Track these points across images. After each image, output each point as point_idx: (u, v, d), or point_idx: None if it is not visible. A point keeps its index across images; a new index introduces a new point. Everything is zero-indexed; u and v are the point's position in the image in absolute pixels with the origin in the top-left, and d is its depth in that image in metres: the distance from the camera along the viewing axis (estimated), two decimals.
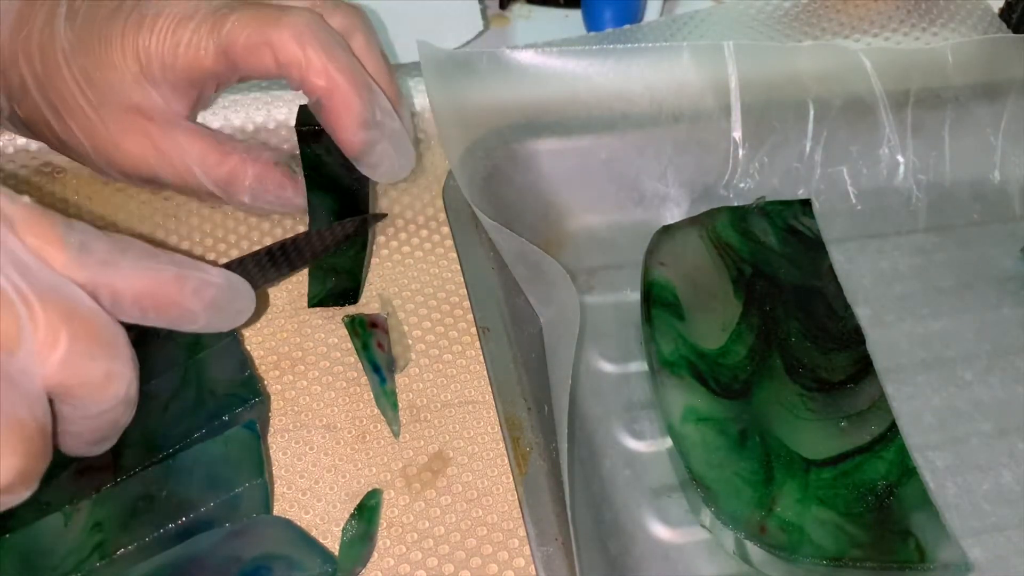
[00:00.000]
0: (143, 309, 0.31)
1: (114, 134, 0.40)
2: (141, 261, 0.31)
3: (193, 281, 0.32)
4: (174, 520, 0.34)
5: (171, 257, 0.32)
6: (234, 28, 0.39)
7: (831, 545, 0.37)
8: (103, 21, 0.39)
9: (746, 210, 0.48)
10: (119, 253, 0.30)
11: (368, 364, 0.40)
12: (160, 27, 0.39)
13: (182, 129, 0.41)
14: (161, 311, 0.32)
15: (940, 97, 0.52)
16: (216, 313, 0.33)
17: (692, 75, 0.50)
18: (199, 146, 0.41)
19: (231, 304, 0.34)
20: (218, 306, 0.33)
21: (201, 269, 0.33)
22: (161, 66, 0.39)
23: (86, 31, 0.39)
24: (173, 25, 0.39)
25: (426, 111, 0.50)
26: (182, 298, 0.32)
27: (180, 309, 0.32)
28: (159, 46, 0.39)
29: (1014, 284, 0.50)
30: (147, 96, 0.40)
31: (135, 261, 0.31)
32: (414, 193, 0.48)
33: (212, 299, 0.33)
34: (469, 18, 0.55)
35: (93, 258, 0.30)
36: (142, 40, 0.39)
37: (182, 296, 0.32)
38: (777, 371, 0.42)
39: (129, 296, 0.31)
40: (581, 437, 0.43)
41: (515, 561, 0.36)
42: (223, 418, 0.36)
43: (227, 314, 0.34)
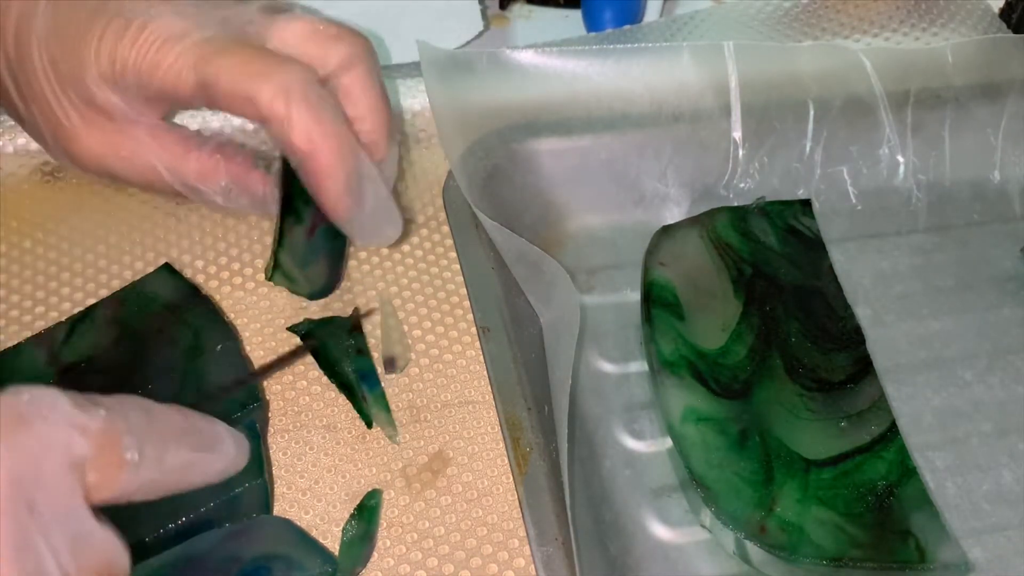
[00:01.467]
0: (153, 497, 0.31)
1: (74, 126, 0.39)
2: (180, 456, 0.30)
3: (211, 466, 0.32)
4: (174, 520, 0.34)
5: (201, 435, 0.32)
6: (219, 72, 0.37)
7: (831, 545, 0.37)
8: (85, 13, 0.38)
9: (746, 210, 0.48)
10: (163, 451, 0.30)
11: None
12: (143, 42, 0.37)
13: (146, 127, 0.39)
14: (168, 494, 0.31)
15: (940, 97, 0.52)
16: (212, 482, 0.33)
17: (692, 75, 0.50)
18: (163, 143, 0.39)
19: (230, 471, 0.33)
20: (220, 476, 0.33)
21: (220, 445, 0.32)
22: (136, 80, 0.38)
23: (65, 19, 0.38)
24: (157, 44, 0.37)
25: (426, 111, 0.50)
26: (195, 480, 0.32)
27: (186, 487, 0.32)
28: (137, 60, 0.37)
29: (1014, 284, 0.50)
30: (109, 100, 0.38)
31: (176, 459, 0.30)
32: (414, 193, 0.48)
33: (219, 472, 0.33)
34: (469, 18, 0.55)
35: (145, 467, 0.29)
36: (121, 49, 0.37)
37: (196, 479, 0.32)
38: (777, 371, 0.42)
39: (160, 493, 0.30)
40: (581, 437, 0.43)
41: (515, 561, 0.36)
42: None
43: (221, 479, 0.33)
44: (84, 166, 0.40)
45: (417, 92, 0.51)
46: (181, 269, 0.42)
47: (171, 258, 0.43)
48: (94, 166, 0.40)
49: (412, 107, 0.51)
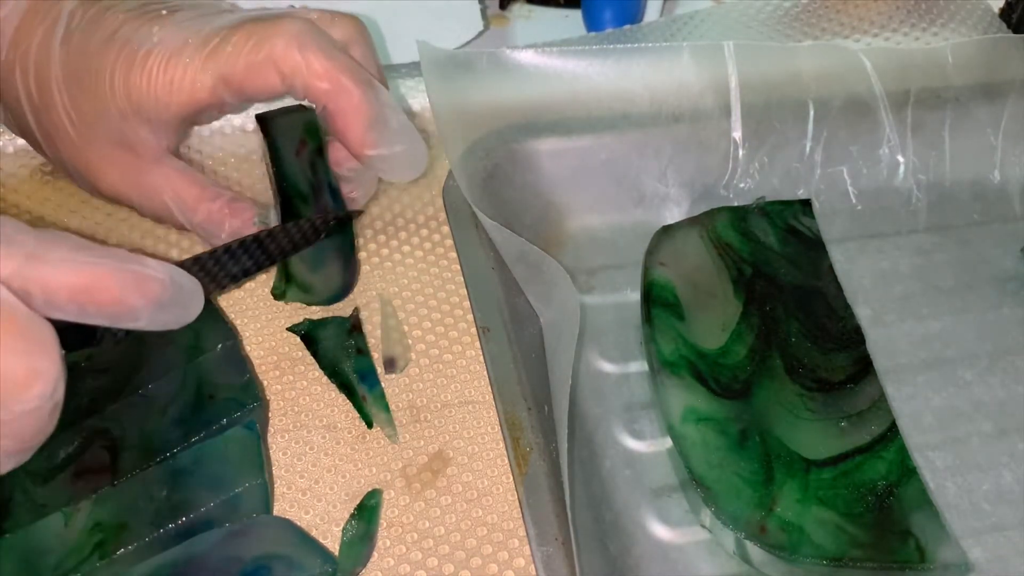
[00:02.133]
0: (80, 305, 0.30)
1: (98, 165, 0.40)
2: (74, 254, 0.29)
3: (133, 276, 0.30)
4: (174, 520, 0.34)
5: (109, 251, 0.30)
6: (231, 54, 0.38)
7: (831, 545, 0.37)
8: (95, 52, 0.39)
9: (746, 210, 0.48)
10: (49, 246, 0.29)
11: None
12: (151, 65, 0.38)
13: (166, 167, 0.41)
14: (100, 307, 0.30)
15: (940, 97, 0.52)
16: (159, 310, 0.32)
17: (692, 75, 0.50)
18: (179, 188, 0.41)
19: (176, 301, 0.32)
20: (161, 303, 0.31)
21: (143, 263, 0.31)
22: (154, 105, 0.39)
23: (78, 60, 0.39)
24: (164, 62, 0.38)
25: (426, 111, 0.50)
26: (122, 294, 0.30)
27: (120, 305, 0.30)
28: (151, 85, 0.38)
29: (1014, 284, 0.50)
30: (134, 132, 0.40)
31: (68, 254, 0.29)
32: (414, 193, 0.48)
33: (155, 296, 0.31)
34: (469, 18, 0.55)
35: (19, 251, 0.28)
36: (133, 79, 0.38)
37: (122, 292, 0.30)
38: (777, 371, 0.42)
39: (63, 292, 0.29)
40: (581, 437, 0.43)
41: (515, 561, 0.36)
42: (221, 422, 0.36)
43: (172, 312, 0.32)
44: (107, 198, 0.43)
45: (417, 92, 0.51)
46: None
47: (171, 258, 0.43)
48: (116, 199, 0.42)
49: (412, 107, 0.51)
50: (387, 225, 0.46)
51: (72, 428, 0.36)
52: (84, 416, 0.36)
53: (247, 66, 0.38)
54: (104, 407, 0.37)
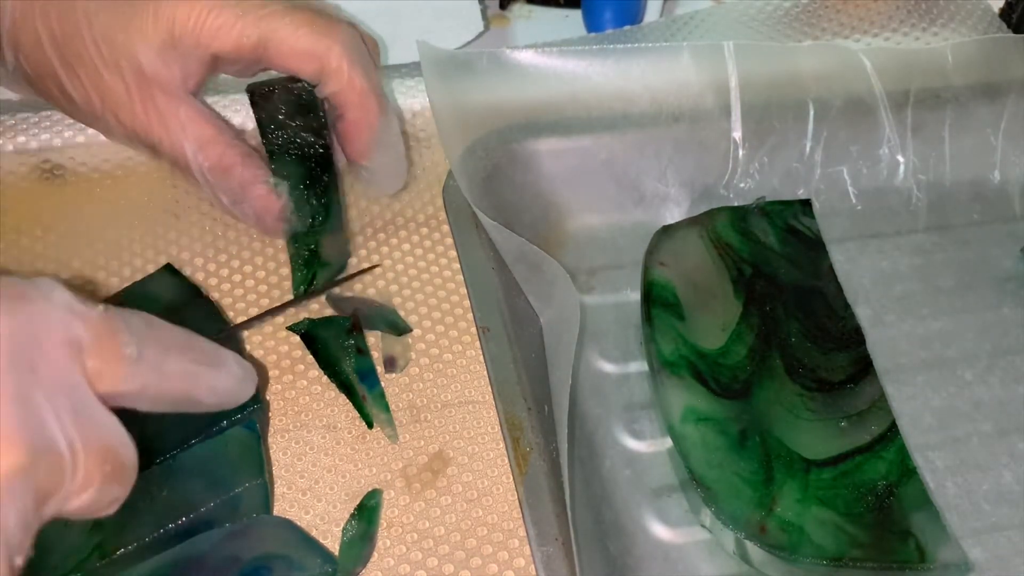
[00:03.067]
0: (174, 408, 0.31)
1: (124, 96, 0.40)
2: (182, 365, 0.31)
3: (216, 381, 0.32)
4: (174, 520, 0.34)
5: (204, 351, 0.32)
6: (287, 28, 0.40)
7: (831, 545, 0.37)
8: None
9: (746, 210, 0.48)
10: (164, 356, 0.30)
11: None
12: (200, 8, 0.39)
13: (188, 106, 0.41)
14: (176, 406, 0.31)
15: (940, 97, 0.52)
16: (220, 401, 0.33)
17: (692, 75, 0.50)
18: (199, 128, 0.41)
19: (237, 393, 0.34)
20: (225, 396, 0.33)
21: (223, 362, 0.32)
22: (194, 43, 0.40)
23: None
24: (216, 9, 0.39)
25: (426, 111, 0.50)
26: (199, 394, 0.32)
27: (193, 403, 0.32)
28: (198, 23, 0.39)
29: (1014, 284, 0.50)
30: (166, 67, 0.40)
31: (177, 366, 0.30)
32: (414, 193, 0.48)
33: (223, 390, 0.33)
34: (469, 18, 0.55)
35: (146, 367, 0.29)
36: (180, 13, 0.39)
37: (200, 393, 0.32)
38: (777, 371, 0.42)
39: (168, 401, 0.30)
40: (581, 437, 0.43)
41: (515, 561, 0.36)
42: (221, 423, 0.36)
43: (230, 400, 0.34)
44: (127, 134, 0.42)
45: (417, 92, 0.51)
46: (181, 268, 0.42)
47: (171, 257, 0.43)
48: (136, 135, 0.42)
49: (412, 107, 0.51)
50: (387, 225, 0.46)
51: None
52: None
53: (295, 48, 0.40)
54: None
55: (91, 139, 0.48)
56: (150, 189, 0.46)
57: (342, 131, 0.43)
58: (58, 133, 0.48)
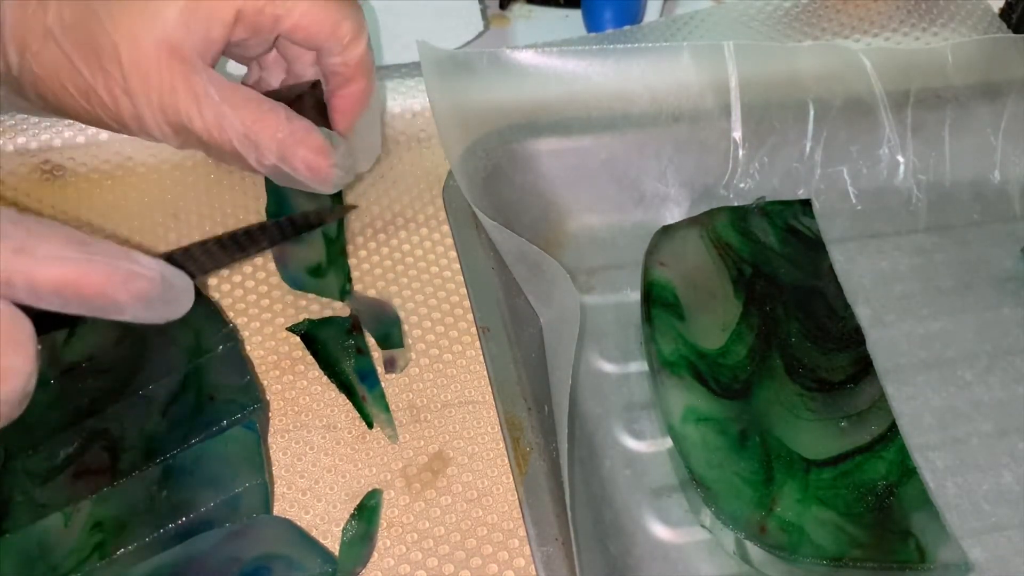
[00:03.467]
0: (64, 298, 0.30)
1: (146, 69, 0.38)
2: (63, 249, 0.30)
3: (121, 273, 0.30)
4: (174, 520, 0.34)
5: (99, 246, 0.30)
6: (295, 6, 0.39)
7: (831, 545, 0.37)
8: None
9: (746, 210, 0.48)
10: (37, 240, 0.29)
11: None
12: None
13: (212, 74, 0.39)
14: (84, 301, 0.30)
15: (940, 97, 0.52)
16: (145, 306, 0.31)
17: (692, 75, 0.50)
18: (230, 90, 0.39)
19: (165, 299, 0.32)
20: (148, 299, 0.31)
21: (132, 259, 0.31)
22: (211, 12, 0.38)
23: None
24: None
25: (426, 111, 0.50)
26: (108, 289, 0.30)
27: (105, 300, 0.30)
28: None
29: (1014, 284, 0.50)
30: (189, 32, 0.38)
31: (57, 249, 0.29)
32: (414, 193, 0.48)
33: (141, 292, 0.31)
34: (469, 18, 0.55)
35: (7, 245, 0.29)
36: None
37: (108, 287, 0.30)
38: (777, 371, 0.42)
39: (48, 285, 0.29)
40: (581, 437, 0.43)
41: (515, 561, 0.36)
42: (222, 423, 0.36)
43: (157, 307, 0.32)
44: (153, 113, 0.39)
45: (417, 92, 0.51)
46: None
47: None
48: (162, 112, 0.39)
49: (412, 107, 0.51)
50: (387, 225, 0.46)
51: (72, 428, 0.36)
52: (84, 416, 0.36)
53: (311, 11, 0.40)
54: (104, 408, 0.37)
55: (91, 139, 0.48)
56: (150, 189, 0.46)
57: (335, 103, 0.43)
58: (58, 133, 0.48)
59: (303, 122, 0.40)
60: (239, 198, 0.46)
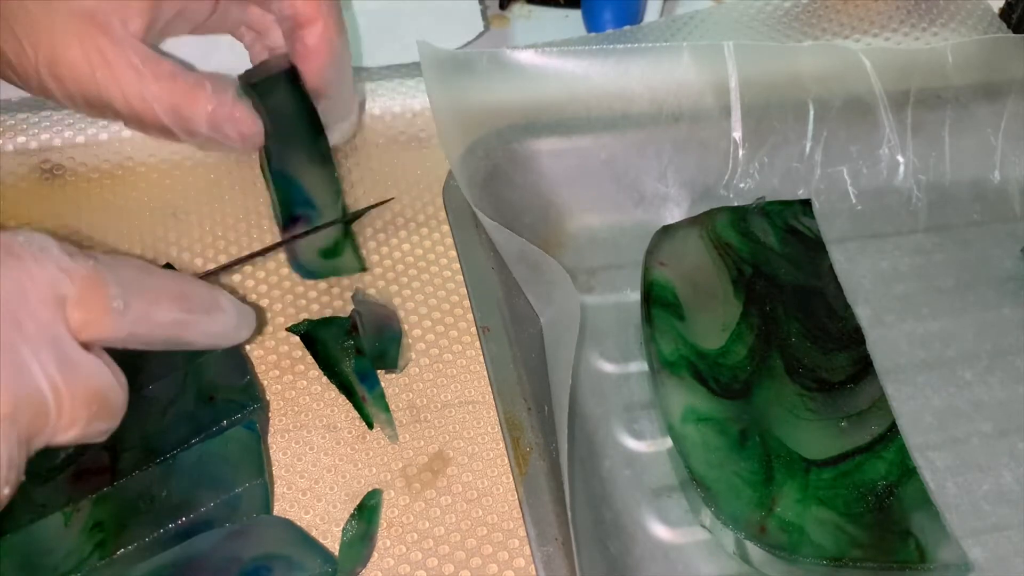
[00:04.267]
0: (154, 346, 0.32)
1: (61, 41, 0.37)
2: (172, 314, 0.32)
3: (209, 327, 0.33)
4: (174, 520, 0.34)
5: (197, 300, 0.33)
6: None
7: (831, 545, 0.37)
8: None
9: (746, 210, 0.48)
10: (153, 306, 0.31)
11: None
12: None
13: (135, 47, 0.38)
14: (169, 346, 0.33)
15: (940, 97, 0.52)
16: (214, 343, 0.34)
17: (692, 75, 0.50)
18: (153, 67, 0.38)
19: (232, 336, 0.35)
20: (220, 339, 0.34)
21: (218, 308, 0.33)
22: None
23: None
24: None
25: (426, 111, 0.50)
26: (191, 338, 0.33)
27: (186, 345, 0.33)
28: None
29: (1014, 284, 0.50)
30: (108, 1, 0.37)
31: (167, 316, 0.32)
32: (414, 193, 0.48)
33: (217, 334, 0.33)
34: (469, 18, 0.55)
35: (131, 317, 0.30)
36: None
37: (192, 337, 0.33)
38: (777, 371, 0.42)
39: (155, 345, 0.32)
40: (581, 437, 0.43)
41: (515, 561, 0.36)
42: (222, 423, 0.36)
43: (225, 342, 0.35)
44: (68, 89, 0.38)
45: (417, 92, 0.51)
46: (181, 269, 0.42)
47: (171, 258, 0.43)
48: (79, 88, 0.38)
49: (412, 107, 0.51)
50: (387, 225, 0.46)
51: None
52: None
53: None
54: None
55: (91, 139, 0.48)
56: (150, 189, 0.46)
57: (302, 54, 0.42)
58: (58, 133, 0.48)
59: (228, 92, 0.40)
60: (239, 198, 0.46)
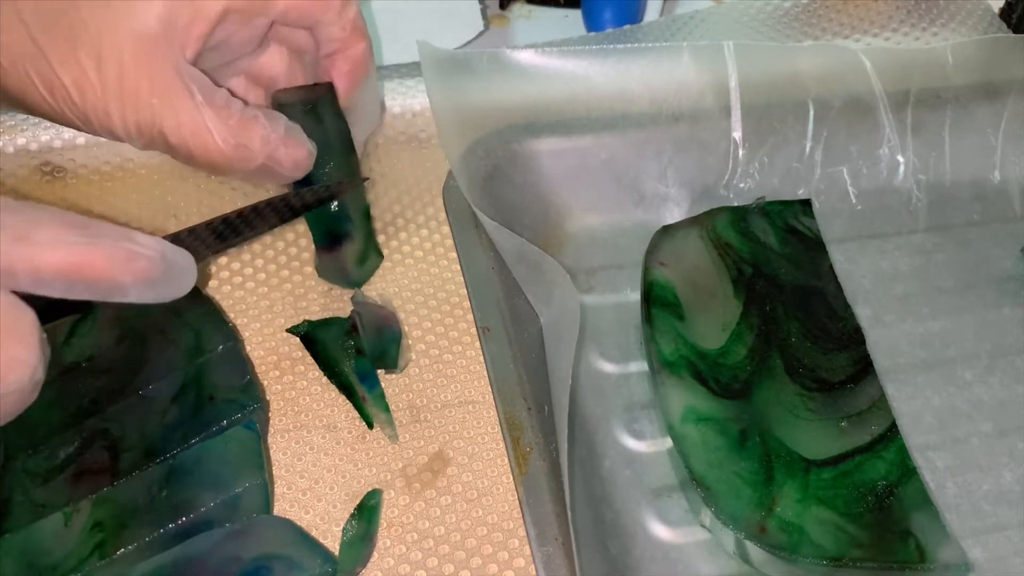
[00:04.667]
0: (68, 283, 0.30)
1: (122, 68, 0.36)
2: (63, 234, 0.29)
3: (123, 254, 0.30)
4: (174, 520, 0.34)
5: (99, 228, 0.30)
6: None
7: (831, 545, 0.37)
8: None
9: (746, 210, 0.48)
10: (38, 226, 0.29)
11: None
12: None
13: (191, 74, 0.37)
14: (88, 285, 0.30)
15: (940, 97, 0.52)
16: (148, 287, 0.31)
17: (692, 75, 0.50)
18: (209, 95, 0.37)
19: (167, 279, 0.32)
20: (151, 279, 0.31)
21: (132, 240, 0.31)
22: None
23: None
24: None
25: (426, 111, 0.50)
26: (111, 270, 0.30)
27: (108, 282, 0.30)
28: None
29: (1014, 284, 0.50)
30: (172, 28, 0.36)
31: (57, 234, 0.29)
32: (414, 193, 0.48)
33: (144, 272, 0.31)
34: (469, 18, 0.55)
35: (7, 234, 0.28)
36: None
37: (111, 268, 0.30)
38: (777, 371, 0.42)
39: (50, 271, 0.29)
40: (581, 437, 0.43)
41: (515, 561, 0.36)
42: (222, 423, 0.36)
43: (162, 288, 0.32)
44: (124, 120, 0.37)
45: (417, 92, 0.51)
46: None
47: None
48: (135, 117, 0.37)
49: (412, 107, 0.51)
50: (387, 225, 0.46)
51: (72, 428, 0.36)
52: (84, 416, 0.36)
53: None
54: (104, 408, 0.37)
55: (91, 141, 0.48)
56: (150, 190, 0.46)
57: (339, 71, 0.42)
58: (58, 135, 0.48)
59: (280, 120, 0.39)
60: (239, 199, 0.46)
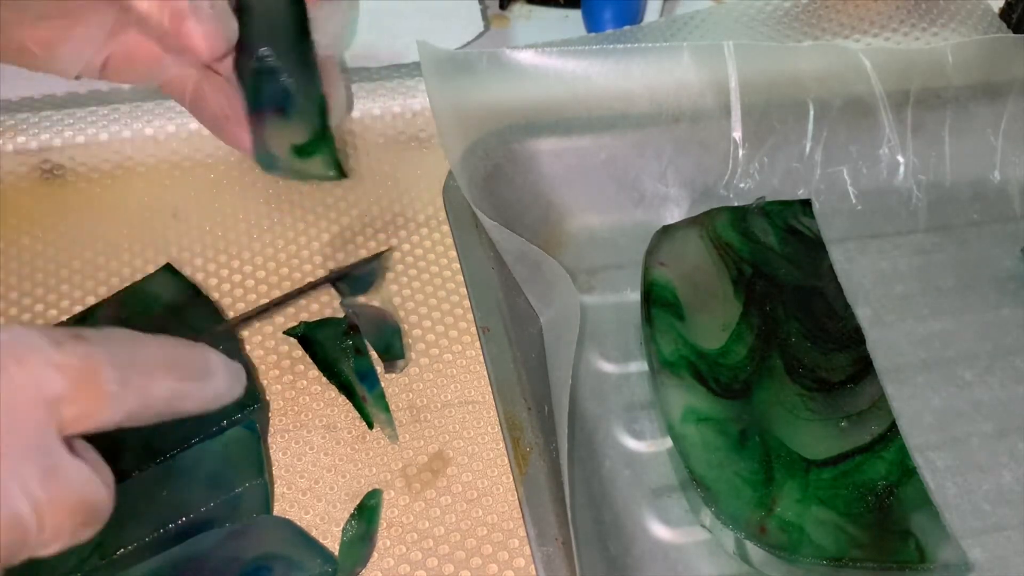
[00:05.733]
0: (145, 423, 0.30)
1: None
2: (168, 385, 0.30)
3: (202, 393, 0.32)
4: (174, 520, 0.34)
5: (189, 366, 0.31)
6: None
7: (831, 545, 0.37)
8: None
9: (746, 210, 0.48)
10: (149, 381, 0.29)
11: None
12: None
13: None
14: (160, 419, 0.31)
15: (940, 97, 0.52)
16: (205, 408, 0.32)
17: (692, 75, 0.50)
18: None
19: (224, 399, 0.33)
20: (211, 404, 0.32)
21: (210, 373, 0.32)
22: None
23: None
24: None
25: (426, 111, 0.50)
26: (185, 408, 0.31)
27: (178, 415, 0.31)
28: None
29: (1014, 284, 0.50)
30: None
31: (163, 389, 0.30)
32: (414, 193, 0.48)
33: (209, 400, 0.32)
34: (469, 18, 0.55)
35: (130, 396, 0.29)
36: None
37: (186, 408, 0.31)
38: (777, 371, 0.42)
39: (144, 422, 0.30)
40: (581, 437, 0.43)
41: (515, 561, 0.36)
42: (221, 423, 0.36)
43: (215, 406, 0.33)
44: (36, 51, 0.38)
45: (417, 92, 0.51)
46: (181, 269, 0.42)
47: (171, 257, 0.43)
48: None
49: (412, 107, 0.51)
50: (387, 225, 0.46)
51: None
52: None
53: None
54: None
55: (91, 139, 0.48)
56: (150, 189, 0.46)
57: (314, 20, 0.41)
58: (58, 133, 0.48)
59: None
60: (239, 199, 0.46)
